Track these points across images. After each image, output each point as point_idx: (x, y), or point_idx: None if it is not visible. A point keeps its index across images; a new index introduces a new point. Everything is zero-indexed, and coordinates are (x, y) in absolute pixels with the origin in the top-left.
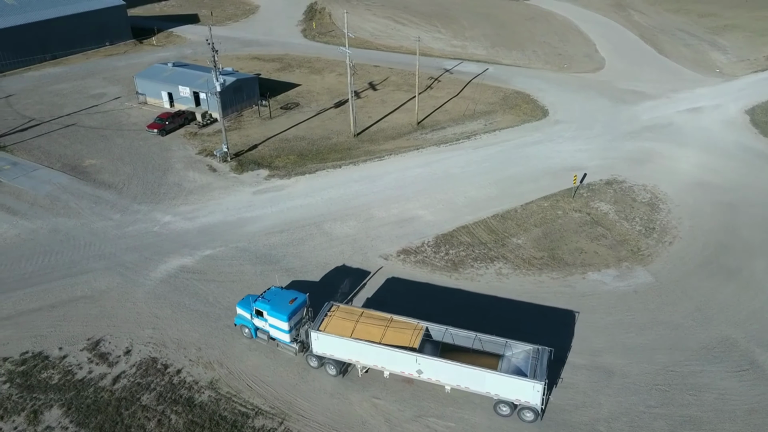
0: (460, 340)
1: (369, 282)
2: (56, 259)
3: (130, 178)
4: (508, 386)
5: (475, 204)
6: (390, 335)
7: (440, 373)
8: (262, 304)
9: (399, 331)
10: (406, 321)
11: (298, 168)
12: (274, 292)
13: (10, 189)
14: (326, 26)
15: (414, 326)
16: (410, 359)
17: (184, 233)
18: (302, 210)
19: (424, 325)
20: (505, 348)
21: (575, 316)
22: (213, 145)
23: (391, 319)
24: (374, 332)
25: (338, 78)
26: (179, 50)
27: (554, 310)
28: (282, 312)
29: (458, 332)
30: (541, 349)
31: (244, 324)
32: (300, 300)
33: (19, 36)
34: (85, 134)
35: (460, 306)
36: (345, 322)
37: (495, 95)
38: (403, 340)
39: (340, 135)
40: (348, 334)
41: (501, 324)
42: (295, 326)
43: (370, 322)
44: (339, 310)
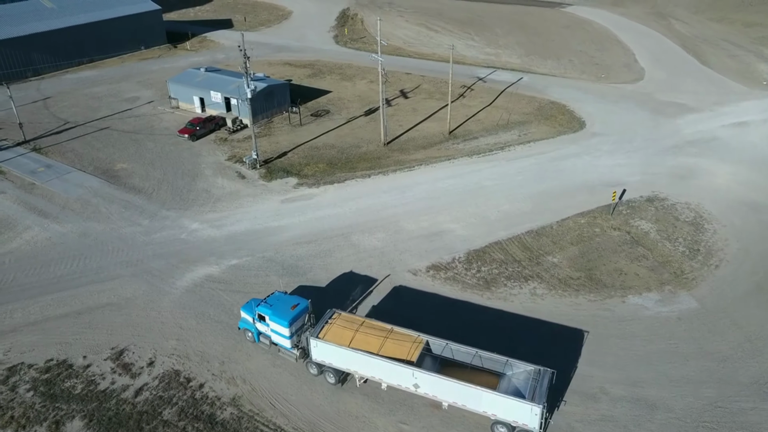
0: (460, 355)
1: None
2: (84, 264)
3: (160, 183)
4: (506, 407)
5: (508, 219)
6: (388, 347)
7: (437, 389)
8: (265, 308)
9: (398, 343)
10: (406, 333)
11: (326, 177)
12: (277, 297)
13: (43, 191)
14: (358, 32)
15: (414, 339)
16: (407, 373)
17: (211, 241)
18: (330, 220)
19: (425, 339)
20: (506, 367)
21: (615, 343)
22: (243, 152)
23: (391, 330)
24: (372, 343)
25: (369, 85)
26: (212, 55)
27: (591, 334)
28: (283, 317)
29: (459, 348)
30: (542, 370)
31: (248, 328)
32: (302, 306)
33: (57, 39)
34: (117, 138)
35: (489, 325)
36: (344, 331)
37: (529, 105)
38: (401, 352)
39: (370, 144)
40: (346, 344)
41: (532, 346)
42: (296, 332)
43: (369, 332)
44: (340, 318)
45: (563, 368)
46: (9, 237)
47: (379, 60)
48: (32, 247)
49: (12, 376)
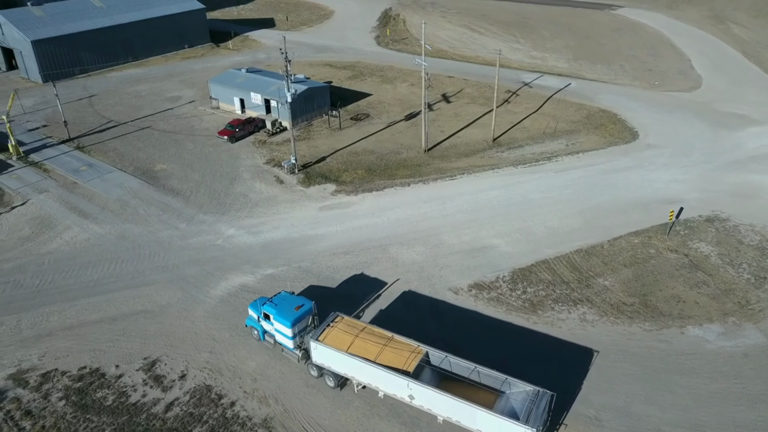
0: (459, 369)
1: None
2: (121, 268)
3: (198, 185)
4: (499, 427)
5: (556, 235)
6: (386, 355)
7: (432, 402)
8: (270, 307)
9: (396, 351)
10: (406, 342)
11: (365, 184)
12: (283, 297)
13: (85, 191)
14: (400, 33)
15: (413, 349)
16: (402, 383)
17: (246, 248)
18: (368, 230)
19: (425, 349)
20: (504, 385)
21: (674, 380)
22: (281, 155)
23: (391, 338)
24: (371, 349)
25: (410, 88)
26: (254, 55)
27: (648, 368)
28: (287, 318)
29: (459, 361)
30: (541, 392)
31: (253, 326)
32: (306, 307)
33: (105, 38)
34: (158, 138)
35: (536, 353)
36: (344, 336)
37: (578, 113)
38: (398, 361)
39: (410, 150)
40: (345, 348)
41: (580, 378)
42: (299, 333)
43: (368, 338)
44: (342, 322)
45: (619, 405)
46: (49, 237)
47: (423, 64)
48: (71, 248)
49: (45, 383)
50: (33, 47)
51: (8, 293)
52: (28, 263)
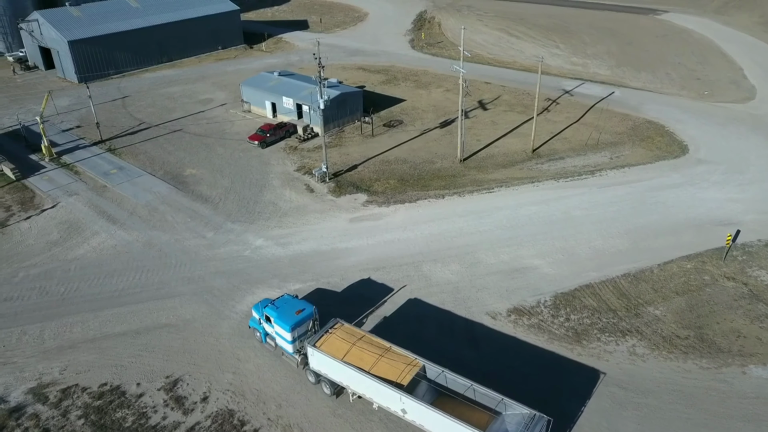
0: (456, 386)
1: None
2: (147, 277)
3: (227, 192)
4: None
5: (601, 257)
6: (381, 366)
7: (424, 419)
8: (271, 310)
9: (392, 363)
10: (403, 354)
11: (398, 195)
12: (285, 300)
13: (114, 195)
14: (435, 37)
15: (409, 361)
16: (394, 396)
17: (275, 260)
18: (400, 245)
19: (422, 363)
20: (499, 405)
21: (737, 427)
22: (312, 162)
23: (388, 349)
24: (366, 359)
25: (445, 94)
26: (286, 57)
27: (706, 414)
28: (286, 321)
29: (455, 378)
30: (537, 416)
31: (256, 327)
32: (307, 312)
33: (140, 38)
34: (189, 141)
35: (585, 391)
36: (341, 343)
37: (622, 124)
38: (393, 374)
39: (445, 159)
40: (340, 356)
41: (634, 422)
42: (298, 337)
43: (365, 348)
44: (341, 329)
45: None
46: (77, 242)
47: (461, 71)
48: (98, 255)
49: (65, 399)
50: (69, 47)
51: (33, 300)
52: (55, 269)
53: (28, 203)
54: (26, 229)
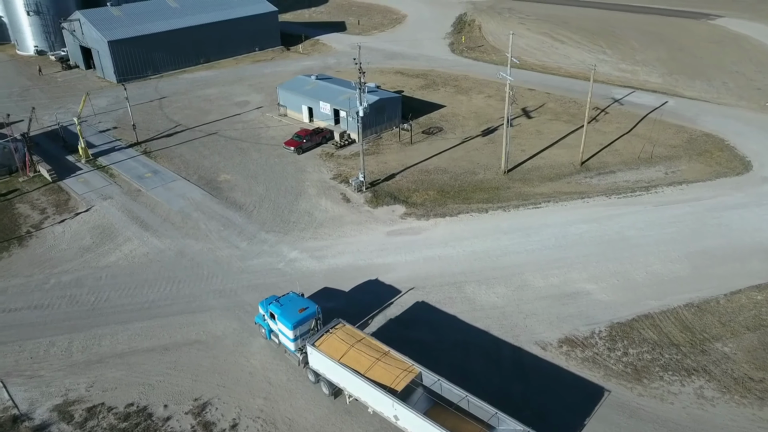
0: (450, 395)
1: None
2: (178, 289)
3: (262, 200)
4: None
5: (660, 284)
6: (377, 370)
7: (415, 427)
8: (276, 307)
9: (388, 368)
10: (401, 360)
11: (437, 207)
12: (290, 298)
13: (148, 200)
14: (475, 40)
15: (406, 367)
16: (387, 402)
17: (309, 275)
18: (441, 263)
19: (419, 370)
20: (492, 419)
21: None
22: (349, 170)
23: (386, 353)
24: (363, 362)
25: (487, 100)
26: (323, 60)
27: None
28: (289, 319)
29: (451, 387)
30: None
31: (261, 324)
32: (310, 310)
33: (179, 39)
34: (224, 145)
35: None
36: (340, 344)
37: (678, 136)
38: (388, 379)
39: (488, 170)
40: (337, 357)
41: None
42: (300, 336)
43: (363, 350)
44: (341, 330)
45: None
46: (109, 249)
47: (508, 78)
48: (129, 263)
49: (90, 419)
50: (109, 47)
51: (63, 309)
52: (86, 277)
53: (62, 206)
54: (60, 234)
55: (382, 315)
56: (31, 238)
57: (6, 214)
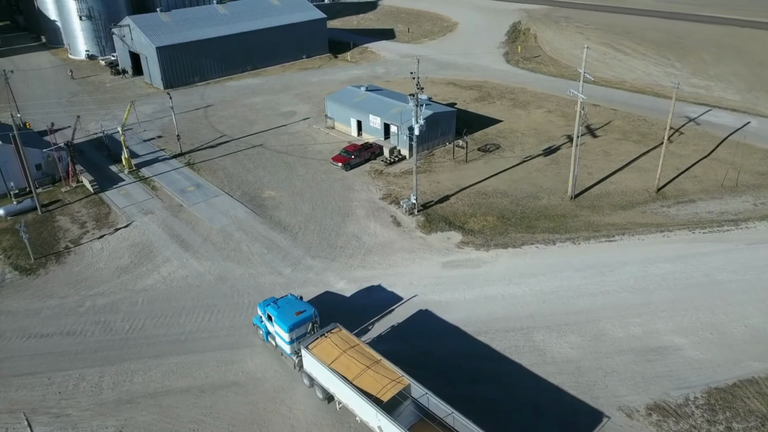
0: (437, 410)
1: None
2: (216, 320)
3: (308, 220)
4: None
5: (763, 341)
6: (365, 378)
7: None
8: (273, 309)
9: (377, 377)
10: (391, 369)
11: (498, 236)
12: (287, 300)
13: (189, 217)
14: (531, 50)
15: (395, 378)
16: (371, 412)
17: (359, 310)
18: (505, 304)
19: (408, 382)
20: None
21: None
22: (399, 190)
23: (377, 362)
24: (352, 369)
25: (547, 116)
26: (372, 68)
27: None
28: (285, 321)
29: (438, 402)
30: None
31: (259, 326)
32: (307, 313)
33: (225, 46)
34: (269, 158)
35: None
36: (332, 349)
37: (766, 162)
38: (375, 388)
39: (552, 195)
40: (327, 362)
41: None
42: (297, 339)
43: (354, 357)
44: (336, 335)
45: None
46: (147, 270)
47: (580, 96)
48: (167, 287)
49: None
50: (157, 53)
51: (96, 337)
52: (122, 301)
53: (102, 220)
54: (98, 250)
55: (441, 363)
56: (69, 255)
57: (46, 226)
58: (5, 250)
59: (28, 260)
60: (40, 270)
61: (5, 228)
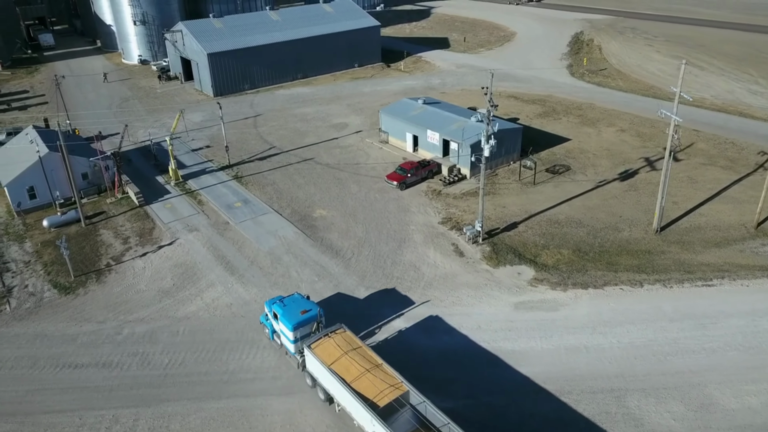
0: (435, 419)
1: None
2: (262, 358)
3: (361, 244)
4: None
5: None
6: (363, 381)
7: None
8: (279, 307)
9: (375, 381)
10: (391, 374)
11: (576, 274)
12: (294, 299)
13: (235, 236)
14: (597, 62)
15: (395, 383)
16: (367, 417)
17: (419, 355)
18: (589, 358)
19: (407, 388)
20: None
21: None
22: (460, 213)
23: (378, 366)
24: (352, 371)
25: (620, 135)
26: (427, 79)
27: None
28: (289, 320)
29: (436, 412)
30: None
31: (265, 324)
32: (312, 313)
33: (277, 53)
34: (320, 173)
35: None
36: (334, 349)
37: None
38: (372, 392)
39: (634, 226)
40: (328, 363)
41: None
42: (301, 338)
43: (355, 359)
44: (340, 336)
45: None
46: (190, 295)
47: (674, 119)
48: (210, 316)
49: None
50: (208, 60)
51: (133, 372)
52: (162, 329)
53: (146, 236)
54: (140, 270)
55: (520, 429)
56: (110, 273)
57: (89, 240)
58: (46, 265)
59: (68, 278)
60: (79, 289)
61: (48, 240)
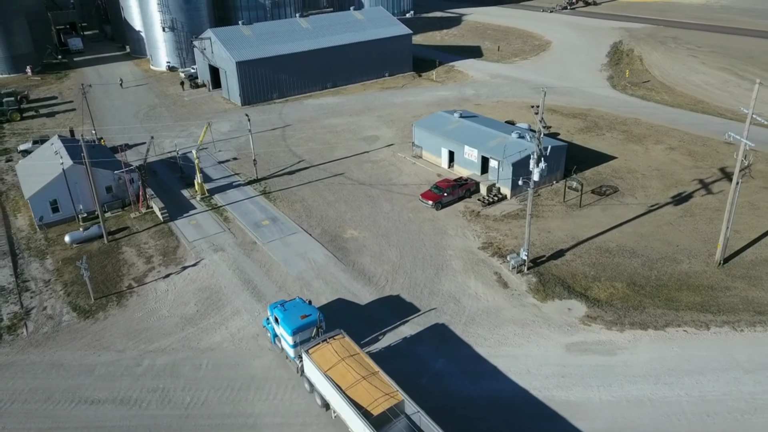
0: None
1: None
2: (290, 401)
3: (395, 270)
4: None
5: None
6: (359, 389)
7: None
8: (279, 311)
9: (371, 389)
10: (387, 383)
11: (632, 311)
12: (295, 303)
13: (263, 257)
14: (639, 74)
15: (390, 392)
16: (360, 425)
17: (462, 405)
18: (655, 413)
19: (402, 397)
20: None
21: None
22: (501, 238)
23: (374, 373)
24: (347, 378)
25: (670, 154)
26: (460, 90)
27: None
28: (289, 324)
29: (430, 423)
30: None
31: (267, 328)
32: (312, 318)
33: (306, 61)
34: (351, 190)
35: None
36: (331, 355)
37: None
38: (366, 400)
39: (693, 258)
40: (324, 369)
41: None
42: (301, 342)
43: (352, 366)
44: (338, 342)
45: None
46: (215, 323)
47: (745, 144)
48: (235, 348)
49: None
50: (237, 68)
51: (152, 411)
52: (184, 362)
53: (170, 255)
54: (162, 293)
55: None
56: (131, 296)
57: (111, 258)
58: (66, 285)
59: (88, 300)
60: (99, 313)
61: (70, 257)
